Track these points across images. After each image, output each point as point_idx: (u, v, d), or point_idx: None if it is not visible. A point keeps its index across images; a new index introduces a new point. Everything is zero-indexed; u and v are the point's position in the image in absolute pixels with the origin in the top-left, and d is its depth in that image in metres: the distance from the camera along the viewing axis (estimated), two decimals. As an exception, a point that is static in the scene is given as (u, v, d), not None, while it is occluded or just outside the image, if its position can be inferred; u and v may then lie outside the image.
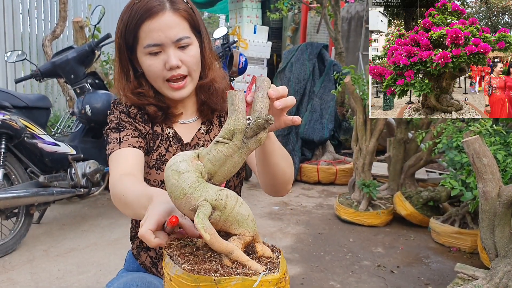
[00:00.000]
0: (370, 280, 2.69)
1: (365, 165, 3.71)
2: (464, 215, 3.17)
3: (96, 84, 3.51)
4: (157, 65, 1.18)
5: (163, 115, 1.26)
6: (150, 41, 1.16)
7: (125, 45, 1.21)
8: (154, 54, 1.17)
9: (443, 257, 3.02)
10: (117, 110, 1.26)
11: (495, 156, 2.20)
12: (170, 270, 0.79)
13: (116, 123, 1.24)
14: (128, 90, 1.24)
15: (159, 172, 1.25)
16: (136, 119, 1.26)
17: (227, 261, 0.78)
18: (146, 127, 1.26)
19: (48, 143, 3.12)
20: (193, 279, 0.74)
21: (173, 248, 0.85)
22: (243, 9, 7.82)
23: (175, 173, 0.79)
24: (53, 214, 3.72)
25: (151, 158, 1.26)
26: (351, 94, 3.66)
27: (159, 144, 1.27)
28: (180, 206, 0.80)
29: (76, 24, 5.04)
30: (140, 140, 1.22)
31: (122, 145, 1.19)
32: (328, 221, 3.78)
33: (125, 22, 1.18)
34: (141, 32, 1.16)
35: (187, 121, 1.31)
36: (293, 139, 5.35)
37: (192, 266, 0.78)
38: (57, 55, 3.54)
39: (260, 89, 0.86)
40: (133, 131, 1.23)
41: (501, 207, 1.93)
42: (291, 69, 5.61)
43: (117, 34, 1.22)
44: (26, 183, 3.01)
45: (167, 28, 1.15)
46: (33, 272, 2.70)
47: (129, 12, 1.18)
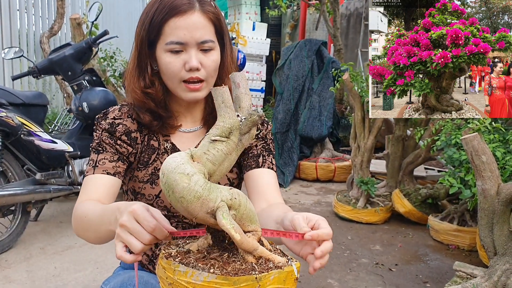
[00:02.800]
0: (368, 278, 2.68)
1: (364, 163, 3.70)
2: (463, 212, 3.17)
3: (94, 81, 3.49)
4: (176, 64, 1.14)
5: (159, 124, 1.22)
6: (174, 38, 1.12)
7: (147, 38, 1.17)
8: (175, 52, 1.13)
9: (442, 255, 3.02)
10: (100, 127, 1.22)
11: (494, 154, 2.19)
12: (197, 278, 0.73)
13: (97, 143, 1.21)
14: (138, 87, 1.19)
15: (153, 186, 1.22)
16: (121, 139, 1.21)
17: (251, 258, 0.78)
18: (130, 148, 1.22)
19: (45, 140, 3.10)
20: (233, 282, 0.72)
21: (180, 256, 0.81)
22: (242, 6, 7.79)
23: (184, 176, 0.75)
24: (50, 211, 3.71)
25: (146, 172, 1.23)
26: (350, 91, 3.65)
27: (155, 158, 1.23)
28: (194, 210, 0.75)
29: (74, 21, 5.01)
30: (118, 164, 1.19)
31: (96, 170, 1.16)
32: (326, 219, 3.74)
33: (151, 15, 1.14)
34: (166, 28, 1.12)
35: (189, 129, 1.27)
36: (291, 136, 5.34)
37: (222, 269, 0.75)
38: (55, 52, 3.52)
39: (241, 86, 0.85)
40: (112, 154, 1.19)
41: (500, 205, 1.92)
42: (290, 66, 5.59)
43: (140, 26, 1.17)
44: (23, 180, 2.99)
45: (194, 28, 1.12)
46: (30, 270, 2.69)
47: (156, 5, 1.13)
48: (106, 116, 1.23)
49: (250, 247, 0.77)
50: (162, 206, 1.23)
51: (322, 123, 5.23)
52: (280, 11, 7.88)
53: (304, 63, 5.54)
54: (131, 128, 1.23)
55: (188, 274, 0.74)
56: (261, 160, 1.26)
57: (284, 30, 8.96)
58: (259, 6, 8.05)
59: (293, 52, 5.68)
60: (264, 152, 1.28)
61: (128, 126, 1.22)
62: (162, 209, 1.23)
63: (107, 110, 1.25)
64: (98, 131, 1.22)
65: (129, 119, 1.23)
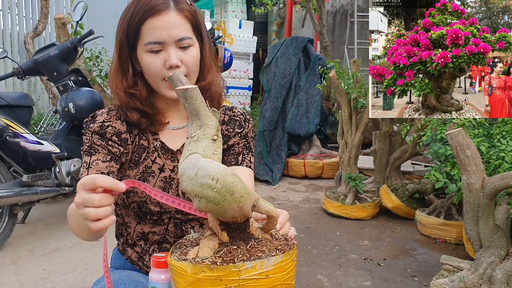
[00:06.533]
0: (357, 273, 2.71)
1: (351, 159, 3.72)
2: (449, 207, 3.21)
3: (80, 81, 3.46)
4: (157, 63, 1.17)
5: (148, 121, 1.25)
6: (151, 39, 1.15)
7: (126, 41, 1.20)
8: (154, 52, 1.17)
9: (429, 249, 3.05)
10: (89, 130, 1.23)
11: (478, 148, 2.22)
12: (267, 265, 0.77)
13: (88, 146, 1.22)
14: (121, 88, 1.22)
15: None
16: (112, 140, 1.23)
17: (266, 235, 0.88)
18: (122, 148, 1.24)
19: (31, 141, 3.07)
20: (291, 255, 0.83)
21: (212, 261, 0.79)
22: (228, 4, 7.78)
23: (236, 177, 0.78)
24: (37, 213, 3.68)
25: (137, 171, 1.25)
26: (336, 88, 3.66)
27: (145, 157, 1.26)
28: (247, 206, 0.80)
29: (58, 20, 4.95)
30: (111, 164, 1.21)
31: (90, 171, 1.18)
32: (315, 215, 3.80)
33: (128, 18, 1.17)
34: (143, 29, 1.16)
35: (177, 126, 1.29)
36: (279, 134, 5.36)
37: (269, 251, 0.81)
38: (39, 52, 3.48)
39: (186, 85, 0.86)
40: (104, 155, 1.21)
41: (484, 198, 1.95)
42: (277, 64, 5.60)
43: (119, 30, 1.20)
44: (9, 182, 2.96)
45: (170, 27, 1.15)
46: (18, 272, 2.67)
47: (133, 8, 1.17)
48: (94, 119, 1.24)
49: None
50: (155, 203, 1.24)
51: (310, 120, 5.25)
52: (266, 9, 7.89)
53: (291, 60, 5.55)
54: (121, 130, 1.25)
55: (258, 266, 0.76)
56: (241, 158, 1.29)
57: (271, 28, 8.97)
58: (245, 4, 8.04)
59: (280, 49, 5.69)
60: (244, 150, 1.30)
61: (117, 128, 1.24)
62: (155, 206, 1.24)
63: (94, 114, 1.26)
64: (88, 134, 1.23)
65: (118, 121, 1.25)
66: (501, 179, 1.90)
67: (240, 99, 7.54)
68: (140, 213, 1.26)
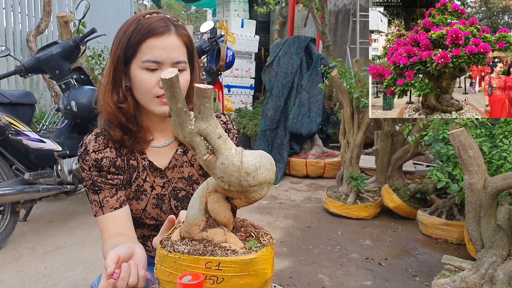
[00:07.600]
0: (359, 272, 2.71)
1: (353, 158, 3.72)
2: (451, 206, 3.20)
3: (82, 79, 3.46)
4: (151, 81, 1.20)
5: (131, 139, 1.27)
6: (150, 57, 1.19)
7: (123, 56, 1.23)
8: (150, 70, 1.20)
9: (431, 249, 3.05)
10: (86, 165, 1.27)
11: (480, 148, 2.22)
12: None
13: (91, 183, 1.27)
14: (112, 101, 1.24)
15: (139, 202, 1.31)
16: (110, 172, 1.27)
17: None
18: (120, 176, 1.29)
19: (33, 139, 3.07)
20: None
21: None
22: (230, 3, 7.78)
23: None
24: (39, 211, 3.68)
25: (130, 190, 1.30)
26: (338, 88, 3.66)
27: (136, 176, 1.30)
28: None
29: (61, 19, 4.96)
30: (119, 195, 1.27)
31: (105, 210, 1.26)
32: (317, 215, 3.80)
33: (129, 34, 1.21)
34: (143, 47, 1.20)
35: (161, 144, 1.33)
36: (281, 133, 5.36)
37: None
38: (42, 50, 3.48)
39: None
40: (109, 190, 1.27)
41: (486, 198, 1.95)
42: (279, 63, 5.60)
43: (116, 44, 1.23)
44: (11, 180, 2.97)
45: (170, 49, 1.20)
46: (20, 270, 2.68)
47: (134, 25, 1.21)
48: (86, 151, 1.28)
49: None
50: (149, 217, 1.31)
51: (312, 120, 5.25)
52: (269, 8, 7.87)
53: (293, 60, 5.55)
54: (113, 157, 1.29)
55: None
56: None
57: (273, 27, 8.96)
58: (248, 3, 8.05)
59: (282, 49, 5.68)
60: None
61: (110, 157, 1.29)
62: (150, 220, 1.31)
63: (83, 142, 1.30)
64: (86, 170, 1.28)
65: (108, 148, 1.29)
66: (503, 179, 1.90)
67: (242, 98, 7.54)
68: (137, 224, 1.33)
